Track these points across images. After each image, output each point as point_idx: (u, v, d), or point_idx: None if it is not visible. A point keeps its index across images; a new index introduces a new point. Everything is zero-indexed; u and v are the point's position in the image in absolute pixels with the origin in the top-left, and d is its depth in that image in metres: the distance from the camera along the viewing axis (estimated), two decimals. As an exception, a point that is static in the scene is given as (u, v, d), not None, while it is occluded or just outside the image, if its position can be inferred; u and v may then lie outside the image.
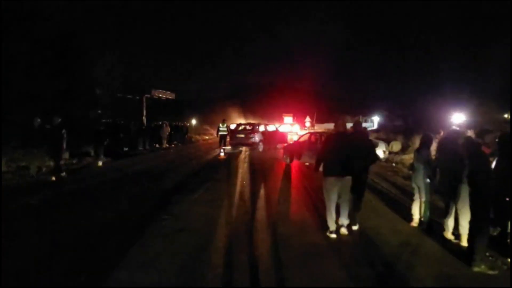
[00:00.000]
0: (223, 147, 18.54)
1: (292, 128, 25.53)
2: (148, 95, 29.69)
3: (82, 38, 14.55)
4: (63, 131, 9.95)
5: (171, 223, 5.95)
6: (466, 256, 4.50)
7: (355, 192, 5.73)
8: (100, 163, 13.21)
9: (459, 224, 5.12)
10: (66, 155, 13.60)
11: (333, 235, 5.36)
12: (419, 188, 5.84)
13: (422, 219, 5.86)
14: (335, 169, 5.36)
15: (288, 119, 30.16)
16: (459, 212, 5.12)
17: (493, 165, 5.00)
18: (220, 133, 20.30)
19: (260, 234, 5.46)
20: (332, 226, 5.43)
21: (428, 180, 5.70)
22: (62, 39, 13.25)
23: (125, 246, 4.81)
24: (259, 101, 57.57)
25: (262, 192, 8.55)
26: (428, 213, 5.76)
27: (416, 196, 5.91)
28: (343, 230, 5.51)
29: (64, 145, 10.12)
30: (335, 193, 5.42)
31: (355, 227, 5.79)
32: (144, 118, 27.79)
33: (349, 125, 6.61)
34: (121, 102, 26.51)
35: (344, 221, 5.56)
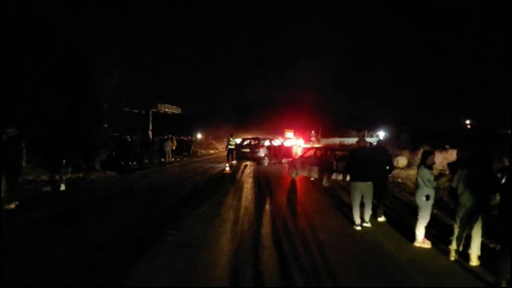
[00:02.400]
0: (231, 162, 18.50)
1: (297, 142, 25.86)
2: (155, 110, 29.98)
3: (90, 53, 14.76)
4: (22, 145, 8.52)
5: (177, 238, 5.93)
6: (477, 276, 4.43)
7: (378, 192, 7.13)
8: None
9: (472, 244, 5.01)
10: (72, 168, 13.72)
11: (358, 228, 6.63)
12: (419, 206, 5.77)
13: (418, 238, 5.75)
14: (358, 175, 6.78)
15: (289, 134, 30.91)
16: (473, 233, 4.99)
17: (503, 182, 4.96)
18: (229, 147, 20.19)
19: (266, 249, 5.42)
20: (357, 220, 6.72)
21: (424, 199, 5.64)
22: (71, 54, 13.47)
23: (130, 262, 4.79)
24: (265, 116, 57.81)
25: (267, 207, 8.52)
26: (422, 231, 5.68)
27: (421, 214, 5.83)
28: (366, 225, 6.77)
29: (23, 163, 8.78)
30: (359, 194, 6.77)
31: (380, 219, 7.25)
32: (150, 132, 27.99)
33: (354, 140, 6.95)
34: (127, 116, 26.76)
35: (367, 217, 6.83)
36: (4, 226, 6.56)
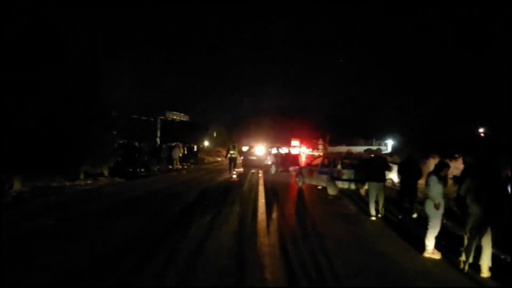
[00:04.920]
0: (234, 170, 18.25)
1: (301, 149, 26.27)
2: (163, 117, 30.24)
3: (100, 61, 14.95)
4: None
5: (184, 245, 5.91)
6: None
7: (411, 194, 9.14)
8: None
9: (482, 255, 4.94)
10: (81, 175, 13.85)
11: (373, 218, 8.40)
12: (428, 216, 5.72)
13: (428, 248, 5.67)
14: (375, 177, 8.74)
15: (295, 142, 31.77)
16: (484, 243, 4.94)
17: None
18: (232, 156, 18.95)
19: (273, 258, 5.38)
20: (372, 212, 8.51)
21: (433, 208, 5.57)
22: (81, 62, 13.65)
23: (137, 270, 4.79)
24: (273, 124, 57.83)
25: (274, 215, 8.49)
26: (432, 241, 5.62)
27: (431, 224, 5.74)
28: (380, 215, 8.55)
29: None
30: (374, 192, 8.66)
31: (414, 216, 8.73)
32: (158, 139, 28.19)
33: (362, 148, 6.96)
34: (136, 124, 27.02)
35: (380, 210, 8.64)
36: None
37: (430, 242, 5.62)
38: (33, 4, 12.15)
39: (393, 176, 14.94)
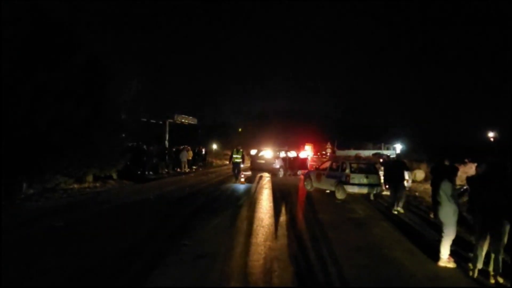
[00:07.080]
0: (242, 174, 17.94)
1: (308, 152, 26.59)
2: (171, 120, 30.39)
3: (110, 64, 15.05)
4: None
5: (192, 248, 5.94)
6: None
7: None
8: None
9: (491, 261, 4.84)
10: (90, 178, 13.99)
11: (395, 212, 9.71)
12: (443, 223, 5.56)
13: (443, 257, 5.51)
14: (390, 178, 10.45)
15: (308, 147, 32.10)
16: (493, 249, 4.84)
17: None
18: (235, 160, 17.38)
19: (281, 262, 5.37)
20: (395, 207, 9.85)
21: (448, 215, 5.46)
22: (90, 65, 13.77)
23: (144, 273, 4.81)
24: (280, 127, 57.78)
25: (282, 219, 8.47)
26: (447, 248, 5.48)
27: (446, 231, 5.53)
28: (399, 208, 9.77)
29: None
30: (394, 190, 10.08)
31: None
32: (166, 142, 28.33)
33: (370, 152, 6.85)
34: (144, 126, 27.17)
35: (400, 205, 9.86)
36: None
37: (445, 249, 5.42)
38: (44, 8, 12.33)
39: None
